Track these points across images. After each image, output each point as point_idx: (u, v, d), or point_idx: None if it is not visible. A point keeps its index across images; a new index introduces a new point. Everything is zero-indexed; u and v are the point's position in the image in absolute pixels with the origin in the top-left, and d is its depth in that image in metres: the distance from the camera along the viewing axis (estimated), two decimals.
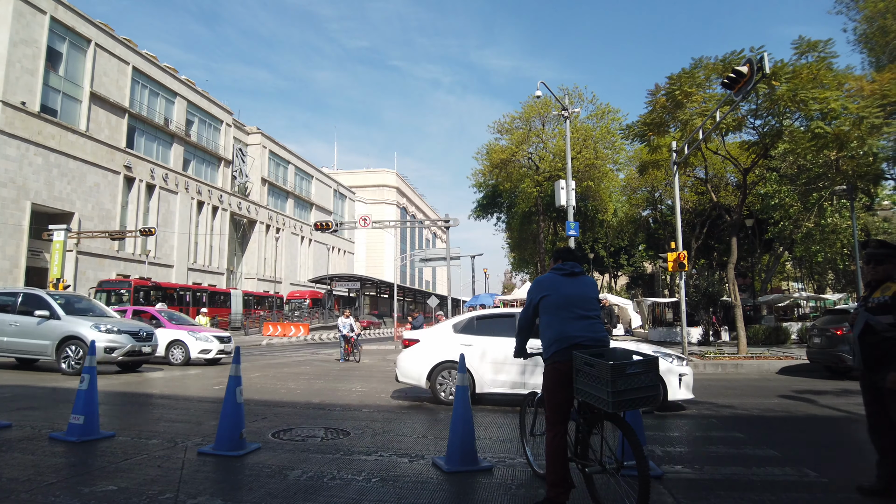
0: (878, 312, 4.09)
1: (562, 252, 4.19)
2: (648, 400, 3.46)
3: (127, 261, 38.73)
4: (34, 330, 11.78)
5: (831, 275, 43.63)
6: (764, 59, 12.43)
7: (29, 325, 11.81)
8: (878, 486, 4.17)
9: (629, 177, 36.72)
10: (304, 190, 67.43)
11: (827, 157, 21.45)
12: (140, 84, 41.40)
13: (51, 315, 11.80)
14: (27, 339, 11.81)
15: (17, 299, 12.39)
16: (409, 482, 4.48)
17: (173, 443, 5.68)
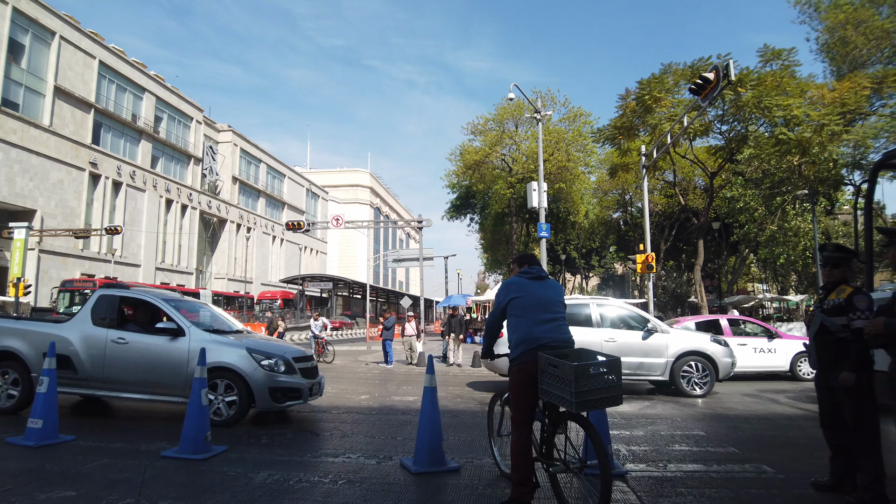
0: (832, 314, 4.24)
1: (526, 257, 4.28)
2: (611, 400, 3.53)
3: (92, 260, 37.75)
4: None
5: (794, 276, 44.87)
6: (730, 67, 12.74)
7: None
8: (832, 481, 4.32)
9: (600, 179, 37.24)
10: (276, 189, 66.66)
11: (790, 163, 22.10)
12: (107, 79, 40.40)
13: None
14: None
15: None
16: (377, 484, 4.48)
17: (136, 446, 5.58)
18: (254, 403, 6.69)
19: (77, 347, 6.99)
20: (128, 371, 6.91)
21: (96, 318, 7.25)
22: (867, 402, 4.09)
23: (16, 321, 7.66)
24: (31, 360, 7.02)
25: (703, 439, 6.29)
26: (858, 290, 4.23)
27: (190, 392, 6.06)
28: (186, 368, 6.64)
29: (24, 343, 7.15)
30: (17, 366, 7.09)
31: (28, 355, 7.07)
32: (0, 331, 7.32)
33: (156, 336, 7.00)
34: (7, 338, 7.22)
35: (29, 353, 7.07)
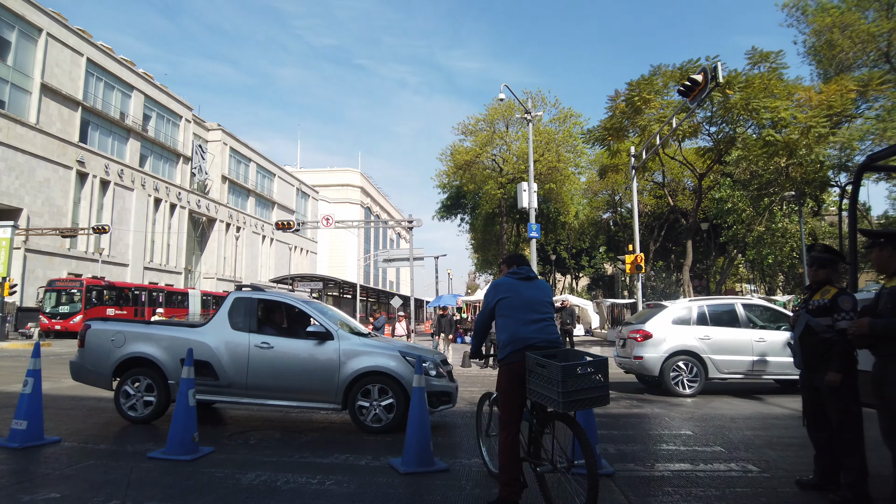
0: (817, 314, 4.28)
1: (515, 257, 4.28)
2: (598, 400, 3.55)
3: (79, 259, 37.39)
4: None
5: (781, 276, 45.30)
6: (718, 69, 12.84)
7: None
8: (816, 480, 4.38)
9: (590, 180, 37.39)
10: (266, 188, 66.35)
11: (777, 164, 22.30)
12: (94, 76, 40.02)
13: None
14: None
15: None
16: (365, 484, 4.47)
17: (122, 447, 5.54)
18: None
19: (217, 353, 6.61)
20: (275, 377, 6.53)
21: (234, 322, 6.84)
22: (851, 402, 4.14)
23: (147, 325, 7.23)
24: (167, 367, 6.63)
25: (690, 439, 6.34)
26: (843, 290, 4.28)
27: (341, 398, 6.33)
28: (339, 373, 6.44)
29: (159, 348, 6.75)
30: (152, 372, 6.70)
31: (164, 361, 6.66)
32: (132, 336, 6.90)
33: (302, 340, 6.67)
34: (139, 343, 6.83)
35: (165, 359, 6.67)
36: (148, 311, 33.91)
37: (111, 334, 6.93)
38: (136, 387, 6.71)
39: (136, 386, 6.71)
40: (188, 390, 5.23)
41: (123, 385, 6.74)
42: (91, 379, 7.02)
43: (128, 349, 6.79)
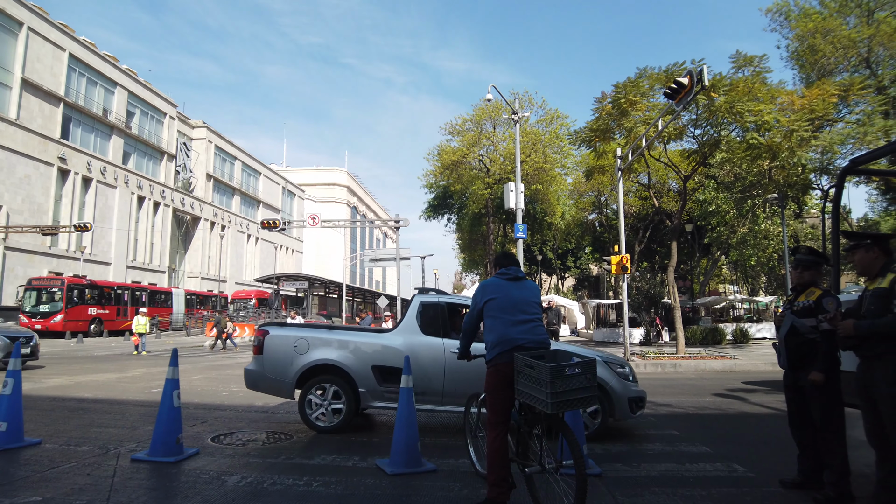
0: (802, 315, 4.34)
1: (504, 257, 4.28)
2: (586, 401, 3.56)
3: (60, 257, 36.81)
4: None
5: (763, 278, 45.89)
6: (703, 72, 12.95)
7: None
8: (799, 479, 4.43)
9: (576, 181, 37.55)
10: (252, 187, 65.84)
11: (760, 167, 22.56)
12: (77, 72, 39.43)
13: None
14: None
15: None
16: (352, 485, 4.45)
17: (105, 449, 5.45)
18: (612, 415, 6.27)
19: (412, 359, 6.21)
20: (471, 384, 5.95)
21: (425, 327, 6.52)
22: (834, 402, 4.20)
23: (330, 331, 6.86)
24: (356, 373, 6.34)
25: (676, 439, 6.39)
26: (827, 292, 4.34)
27: None
28: None
29: (346, 354, 6.45)
30: (338, 380, 6.37)
31: (353, 367, 6.36)
32: (316, 341, 6.55)
33: None
34: (324, 349, 6.50)
35: (353, 366, 6.36)
36: (131, 309, 33.49)
37: (293, 340, 6.57)
38: (322, 395, 6.40)
39: (321, 394, 6.41)
40: (173, 391, 5.16)
41: (308, 394, 6.42)
42: (272, 388, 6.67)
43: (313, 356, 6.46)
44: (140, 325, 20.14)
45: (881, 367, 3.67)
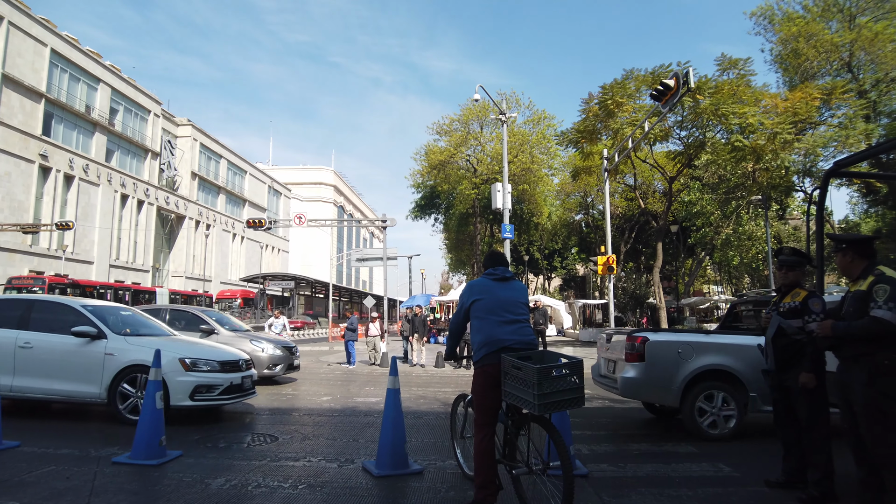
0: (789, 316, 4.38)
1: (493, 257, 4.25)
2: (574, 402, 3.55)
3: (41, 256, 36.25)
4: None
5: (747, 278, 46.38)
6: (689, 74, 13.06)
7: None
8: (784, 479, 4.47)
9: (563, 182, 37.71)
10: (237, 185, 65.30)
11: (745, 169, 22.82)
12: (59, 68, 38.84)
13: None
14: None
15: None
16: (338, 488, 4.41)
17: (86, 452, 5.35)
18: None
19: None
20: None
21: None
22: (820, 403, 4.24)
23: (710, 335, 6.64)
24: (747, 378, 6.10)
25: (662, 438, 6.41)
26: (813, 293, 4.38)
27: None
28: None
29: (735, 359, 6.21)
30: (727, 385, 6.17)
31: (743, 372, 6.13)
32: (700, 346, 6.32)
33: None
34: (710, 354, 6.27)
35: (743, 370, 6.13)
36: None
37: (677, 346, 6.37)
38: (711, 401, 6.24)
39: (711, 401, 6.24)
40: (155, 393, 5.09)
41: (696, 401, 6.23)
42: (656, 395, 6.55)
43: (700, 361, 6.25)
44: None
45: (857, 369, 3.72)
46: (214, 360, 6.99)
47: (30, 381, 6.73)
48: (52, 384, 6.74)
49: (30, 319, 7.01)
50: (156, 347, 6.40)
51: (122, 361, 6.68)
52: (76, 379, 6.73)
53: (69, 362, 6.78)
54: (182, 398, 6.66)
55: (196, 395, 6.72)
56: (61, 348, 6.82)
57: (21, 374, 6.69)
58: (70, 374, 6.76)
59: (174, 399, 6.61)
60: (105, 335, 6.83)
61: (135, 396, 6.62)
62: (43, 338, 6.87)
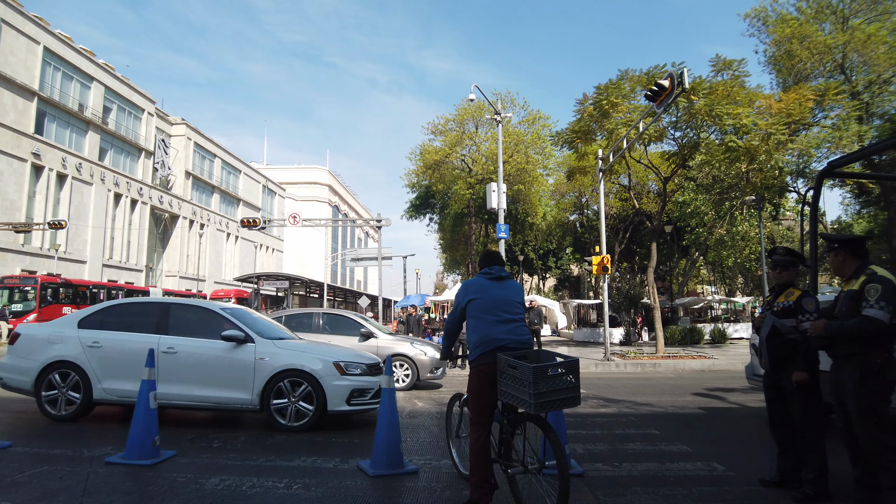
0: (783, 316, 4.40)
1: (489, 256, 4.25)
2: (570, 401, 3.56)
3: (33, 255, 36.01)
4: None
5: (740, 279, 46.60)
6: (684, 75, 13.08)
7: None
8: (778, 478, 4.49)
9: (558, 182, 37.75)
10: (231, 185, 65.07)
11: (738, 170, 22.89)
12: (52, 66, 38.58)
13: None
14: None
15: None
16: (333, 488, 4.40)
17: (79, 452, 5.32)
18: None
19: None
20: None
21: None
22: (813, 401, 4.26)
23: None
24: None
25: (656, 438, 6.43)
26: (807, 293, 4.40)
27: None
28: None
29: None
30: None
31: None
32: None
33: None
34: None
35: None
36: None
37: None
38: None
39: None
40: (148, 392, 5.06)
41: None
42: None
43: None
44: None
45: (849, 368, 3.74)
46: (363, 364, 6.80)
47: (175, 387, 6.46)
48: (201, 391, 6.50)
49: (168, 324, 6.81)
50: (304, 351, 6.48)
51: (274, 366, 6.46)
52: (226, 385, 6.50)
53: (218, 368, 6.56)
54: (339, 403, 6.47)
55: (352, 400, 6.54)
56: (208, 353, 6.60)
57: (165, 380, 6.24)
58: (219, 380, 6.52)
59: (331, 404, 6.43)
60: (252, 339, 6.63)
61: (290, 402, 6.45)
62: (187, 342, 6.65)
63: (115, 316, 7.05)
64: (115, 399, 6.61)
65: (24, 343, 6.96)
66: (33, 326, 7.44)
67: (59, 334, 6.87)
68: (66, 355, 6.69)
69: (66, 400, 6.65)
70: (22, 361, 6.81)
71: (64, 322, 7.15)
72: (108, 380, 6.58)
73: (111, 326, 6.89)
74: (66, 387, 6.64)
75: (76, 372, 6.64)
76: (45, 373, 6.69)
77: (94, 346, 6.67)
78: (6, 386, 6.92)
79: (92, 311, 7.10)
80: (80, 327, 6.87)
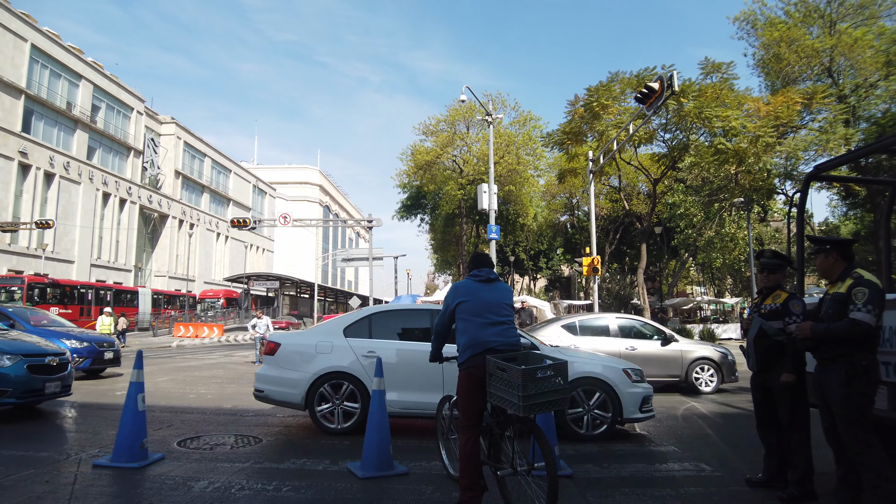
0: (770, 318, 4.45)
1: (479, 258, 4.26)
2: (558, 403, 3.57)
3: (21, 255, 35.61)
4: None
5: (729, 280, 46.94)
6: (673, 77, 13.19)
7: None
8: (765, 478, 4.53)
9: (549, 183, 37.90)
10: (221, 184, 64.71)
11: (727, 171, 23.10)
12: (39, 63, 38.19)
13: None
14: None
15: None
16: (323, 490, 4.39)
17: (66, 455, 5.28)
18: None
19: None
20: None
21: None
22: (800, 403, 4.31)
23: None
24: None
25: (645, 439, 6.47)
26: (794, 295, 4.45)
27: None
28: None
29: None
30: None
31: None
32: None
33: None
34: None
35: None
36: (95, 310, 32.58)
37: None
38: None
39: None
40: (137, 394, 5.03)
41: None
42: None
43: None
44: (104, 326, 19.66)
45: (835, 370, 3.79)
46: (640, 370, 6.66)
47: None
48: None
49: None
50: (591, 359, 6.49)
51: (577, 371, 6.25)
52: None
53: None
54: (633, 410, 6.30)
55: (644, 407, 6.38)
56: None
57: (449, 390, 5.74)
58: None
59: (627, 412, 6.26)
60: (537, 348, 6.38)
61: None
62: None
63: (381, 323, 6.81)
64: (397, 411, 6.25)
65: (288, 354, 6.64)
66: (291, 336, 7.08)
67: (328, 343, 6.59)
68: (339, 366, 6.43)
69: (344, 412, 6.42)
70: (288, 373, 6.51)
71: (327, 331, 6.87)
72: (388, 391, 5.77)
73: (380, 335, 6.67)
74: (339, 398, 6.41)
75: (351, 382, 6.40)
76: (317, 384, 6.40)
77: (369, 356, 6.35)
78: (267, 399, 6.70)
79: (357, 319, 6.85)
80: (346, 336, 6.66)
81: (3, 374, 6.69)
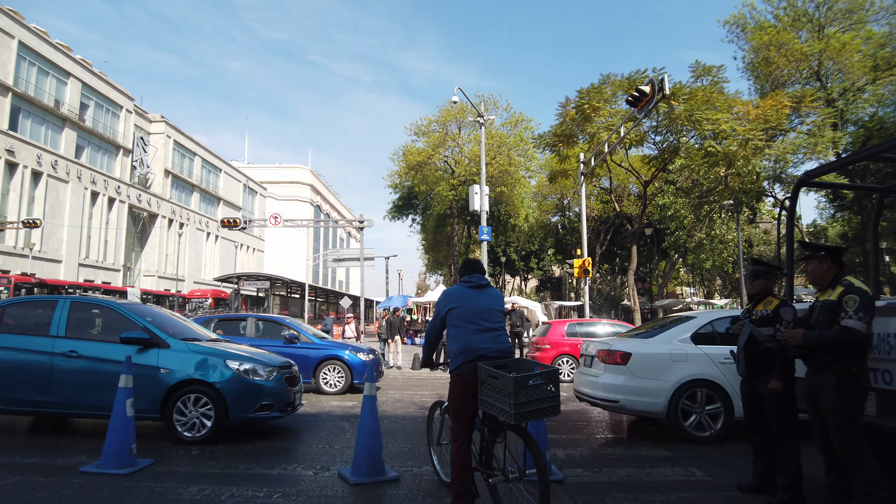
0: (760, 324, 4.47)
1: (470, 264, 4.26)
2: (550, 410, 3.57)
3: (7, 254, 35.20)
4: None
5: (719, 281, 47.27)
6: (664, 81, 13.26)
7: None
8: (754, 483, 4.56)
9: (540, 184, 37.98)
10: (212, 184, 64.31)
11: (717, 174, 23.25)
12: (27, 61, 37.76)
13: None
14: None
15: None
16: (313, 496, 4.37)
17: (53, 461, 5.22)
18: None
19: None
20: None
21: None
22: (789, 409, 4.34)
23: None
24: None
25: (636, 443, 6.49)
26: (785, 302, 4.48)
27: None
28: None
29: None
30: None
31: None
32: None
33: None
34: None
35: None
36: None
37: None
38: None
39: None
40: (125, 400, 4.98)
41: None
42: None
43: None
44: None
45: (826, 377, 3.82)
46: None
47: None
48: None
49: None
50: None
51: None
52: None
53: None
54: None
55: None
56: None
57: None
58: None
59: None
60: None
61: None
62: None
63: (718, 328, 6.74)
64: None
65: (643, 363, 6.61)
66: (642, 344, 6.92)
67: (682, 352, 6.58)
68: (702, 373, 6.44)
69: (710, 415, 6.45)
70: (647, 383, 6.50)
71: (673, 338, 6.78)
72: None
73: (721, 341, 6.58)
74: (699, 406, 6.44)
75: (713, 390, 6.43)
76: (679, 393, 6.41)
77: (725, 363, 6.33)
78: (623, 409, 6.71)
79: (703, 324, 6.81)
80: (695, 342, 6.65)
81: (266, 388, 6.43)
